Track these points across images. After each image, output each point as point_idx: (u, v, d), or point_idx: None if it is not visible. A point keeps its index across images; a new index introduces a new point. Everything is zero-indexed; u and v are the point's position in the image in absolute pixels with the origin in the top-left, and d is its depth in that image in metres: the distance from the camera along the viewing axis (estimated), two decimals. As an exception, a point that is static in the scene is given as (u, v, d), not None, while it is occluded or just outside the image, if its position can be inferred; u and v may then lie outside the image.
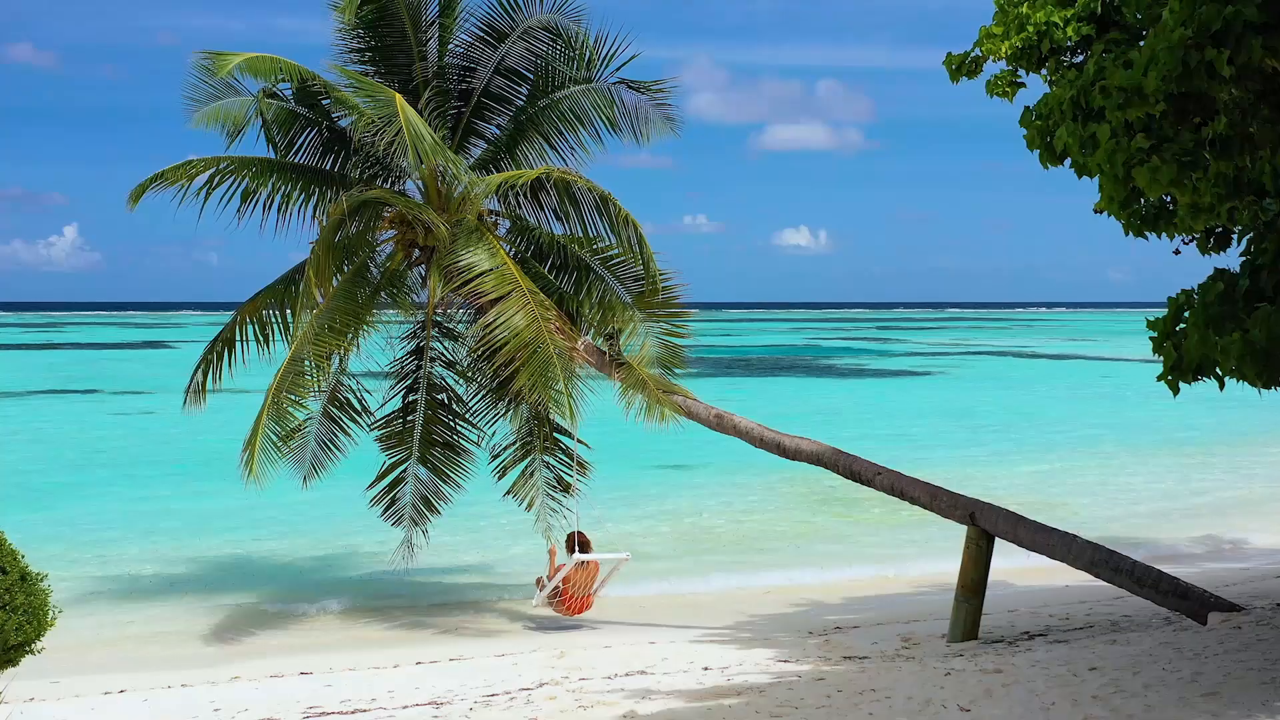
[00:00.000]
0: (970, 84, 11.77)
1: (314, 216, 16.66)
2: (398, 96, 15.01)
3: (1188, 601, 11.95)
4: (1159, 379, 9.67)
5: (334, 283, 16.01)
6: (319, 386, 16.12)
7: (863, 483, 14.30)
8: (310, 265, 15.12)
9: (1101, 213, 12.17)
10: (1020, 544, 13.03)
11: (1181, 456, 34.48)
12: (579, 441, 17.03)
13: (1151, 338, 9.29)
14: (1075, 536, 12.76)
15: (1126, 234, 11.48)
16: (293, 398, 15.28)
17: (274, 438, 15.07)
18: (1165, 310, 9.41)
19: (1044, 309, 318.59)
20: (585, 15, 16.56)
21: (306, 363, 15.48)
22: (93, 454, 36.53)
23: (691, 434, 17.30)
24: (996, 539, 13.17)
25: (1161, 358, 9.16)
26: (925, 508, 13.82)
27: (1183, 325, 9.23)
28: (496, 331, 15.25)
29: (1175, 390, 9.23)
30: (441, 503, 17.86)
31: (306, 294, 15.02)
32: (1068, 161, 11.06)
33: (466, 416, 17.77)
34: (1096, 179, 11.39)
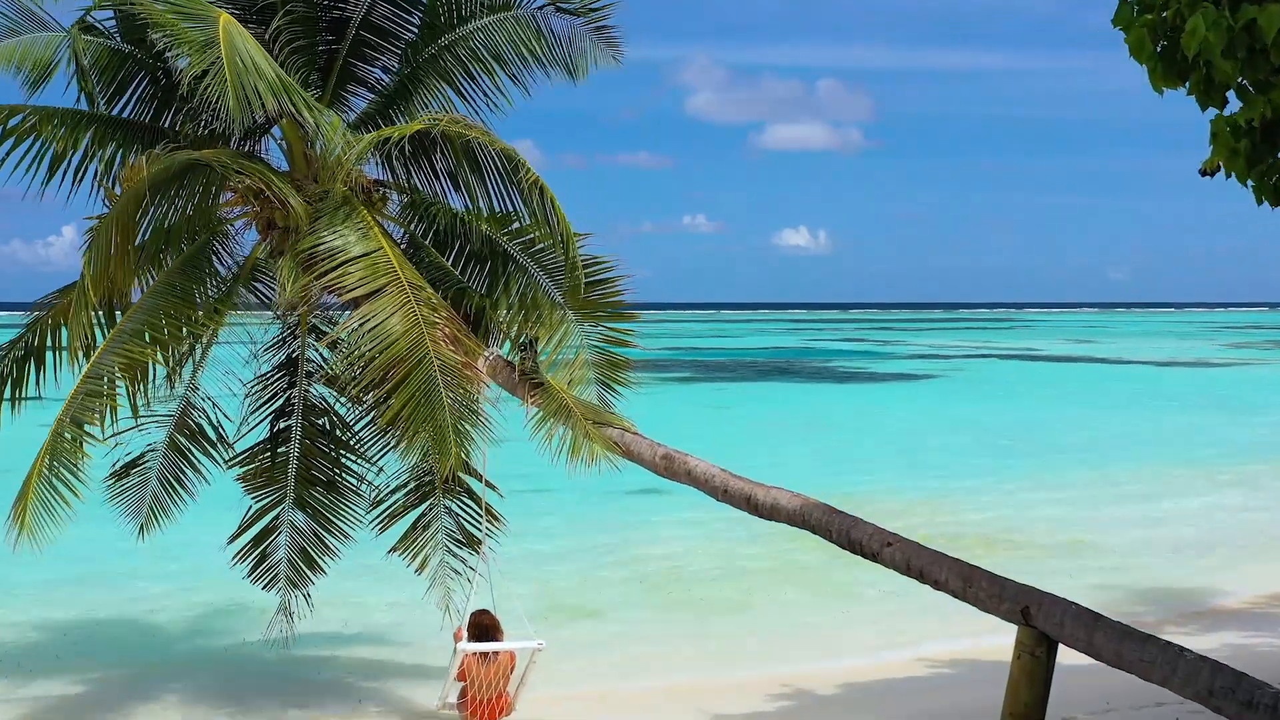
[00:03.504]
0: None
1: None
2: (223, 15, 10.84)
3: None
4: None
5: (150, 275, 11.91)
6: (138, 412, 12.02)
7: (865, 556, 10.13)
8: (90, 252, 10.86)
9: (1210, 174, 8.36)
10: (1099, 657, 8.84)
11: (1223, 479, 30.20)
12: (488, 485, 12.78)
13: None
14: (1182, 650, 8.57)
15: (1260, 202, 7.70)
16: (86, 430, 11.12)
17: (53, 484, 10.89)
18: None
19: (1046, 309, 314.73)
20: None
21: (119, 383, 11.40)
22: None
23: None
24: (1060, 645, 9.03)
25: None
26: (956, 596, 9.65)
27: None
28: (364, 340, 11.11)
29: None
30: (326, 558, 14.05)
31: (83, 293, 10.79)
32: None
33: (355, 446, 13.75)
34: (1210, 117, 7.53)
